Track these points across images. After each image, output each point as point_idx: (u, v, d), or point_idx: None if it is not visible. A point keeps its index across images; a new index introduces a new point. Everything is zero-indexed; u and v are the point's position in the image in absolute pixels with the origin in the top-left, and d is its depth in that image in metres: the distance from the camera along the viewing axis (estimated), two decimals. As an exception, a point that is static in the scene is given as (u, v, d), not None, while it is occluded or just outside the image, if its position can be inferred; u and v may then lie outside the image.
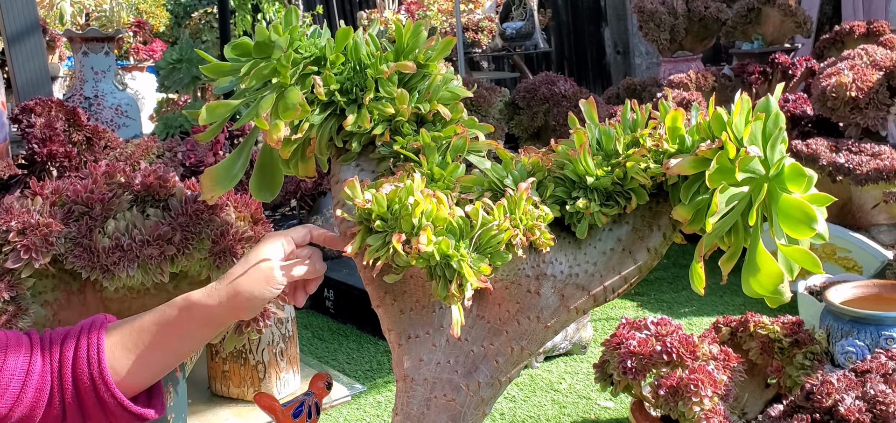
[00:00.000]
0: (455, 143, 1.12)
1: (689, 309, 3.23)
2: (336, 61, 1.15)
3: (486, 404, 1.08)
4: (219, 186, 1.22)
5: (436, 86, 1.16)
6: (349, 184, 1.02)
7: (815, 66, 3.84)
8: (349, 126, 1.14)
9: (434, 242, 0.96)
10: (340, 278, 3.45)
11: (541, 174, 1.10)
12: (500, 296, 1.09)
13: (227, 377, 2.08)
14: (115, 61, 5.11)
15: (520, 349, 1.08)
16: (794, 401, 1.21)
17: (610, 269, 1.09)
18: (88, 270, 1.42)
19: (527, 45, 5.80)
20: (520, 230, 1.01)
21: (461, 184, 1.08)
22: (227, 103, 1.15)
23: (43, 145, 2.34)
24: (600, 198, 1.07)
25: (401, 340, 1.10)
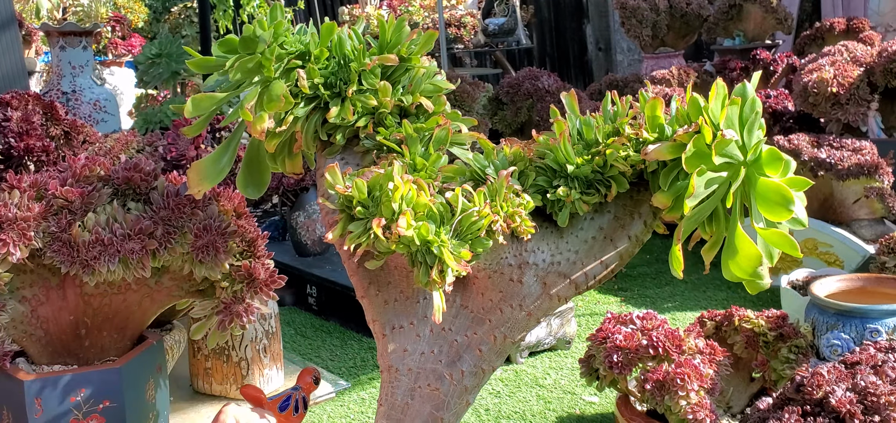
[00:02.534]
0: (437, 134, 1.13)
1: (672, 304, 3.24)
2: (321, 56, 1.15)
3: (470, 393, 1.09)
4: (205, 180, 1.22)
5: (418, 79, 1.17)
6: (329, 170, 1.02)
7: (796, 62, 3.86)
8: (332, 118, 1.15)
9: (414, 226, 0.96)
10: (324, 274, 3.42)
11: (522, 164, 1.12)
12: (483, 285, 1.09)
13: (210, 374, 2.05)
14: (93, 56, 5.05)
15: (502, 338, 1.09)
16: (784, 393, 1.21)
17: (591, 256, 1.10)
18: (68, 264, 1.39)
19: (509, 42, 5.79)
20: (500, 217, 1.02)
21: (443, 174, 1.08)
22: (213, 96, 1.15)
23: (20, 139, 2.29)
24: (581, 186, 1.08)
25: (385, 330, 1.10)
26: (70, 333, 1.54)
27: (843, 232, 2.88)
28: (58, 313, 1.52)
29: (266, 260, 1.53)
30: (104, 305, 1.53)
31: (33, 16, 5.33)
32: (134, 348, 1.59)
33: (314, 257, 3.67)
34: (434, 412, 1.06)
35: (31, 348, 1.54)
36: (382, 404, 1.10)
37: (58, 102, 2.50)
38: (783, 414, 1.11)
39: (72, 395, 1.48)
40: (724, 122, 1.03)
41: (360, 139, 1.17)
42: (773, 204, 1.05)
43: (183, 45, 5.09)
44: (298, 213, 3.65)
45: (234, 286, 1.48)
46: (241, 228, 1.50)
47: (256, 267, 1.49)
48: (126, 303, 1.54)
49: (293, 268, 3.54)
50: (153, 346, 1.62)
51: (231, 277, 1.48)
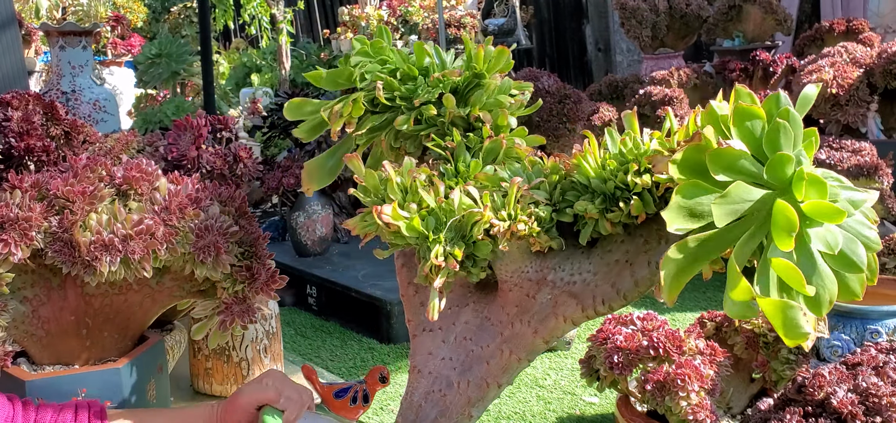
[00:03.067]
0: (487, 145, 1.13)
1: (673, 305, 3.24)
2: (406, 72, 1.18)
3: (473, 406, 1.08)
4: (313, 181, 1.26)
5: (478, 93, 1.17)
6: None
7: (796, 63, 3.86)
8: (398, 125, 1.17)
9: (402, 217, 0.96)
10: (324, 275, 3.43)
11: (556, 177, 1.06)
12: (505, 298, 1.08)
13: (210, 374, 2.05)
14: (92, 56, 5.04)
15: (509, 354, 1.07)
16: (785, 394, 1.21)
17: (607, 280, 1.02)
18: (69, 265, 1.38)
19: (508, 42, 5.79)
20: (505, 222, 0.99)
21: (479, 179, 1.07)
22: (306, 102, 1.24)
23: (20, 139, 2.29)
24: (602, 201, 1.00)
25: (417, 331, 1.12)
26: (71, 333, 1.54)
27: (842, 233, 2.88)
28: (59, 313, 1.52)
29: (267, 260, 1.53)
30: (105, 305, 1.53)
31: (33, 15, 5.33)
32: (135, 349, 1.59)
33: (314, 258, 3.67)
34: (438, 418, 1.07)
35: (32, 348, 1.54)
36: (404, 400, 1.12)
37: (58, 101, 2.50)
38: (785, 415, 1.11)
39: (73, 395, 1.47)
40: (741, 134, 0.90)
41: (428, 150, 1.19)
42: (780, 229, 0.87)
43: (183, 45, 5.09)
44: (298, 213, 3.65)
45: (236, 287, 1.48)
46: (243, 228, 1.50)
47: (258, 267, 1.49)
48: (127, 303, 1.54)
49: (293, 268, 3.54)
50: (154, 346, 1.62)
51: (232, 277, 1.47)
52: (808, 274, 0.85)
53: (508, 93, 1.19)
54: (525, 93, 1.21)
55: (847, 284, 0.87)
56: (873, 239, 0.88)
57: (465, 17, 5.73)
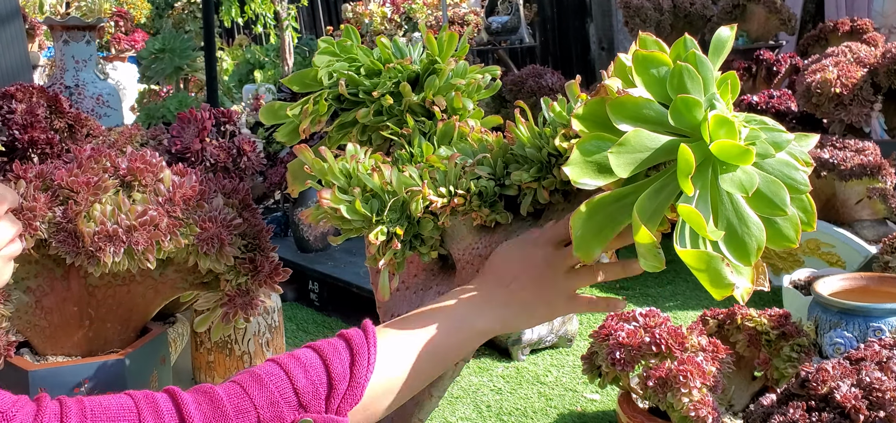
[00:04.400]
0: (441, 128, 1.14)
1: (673, 303, 3.24)
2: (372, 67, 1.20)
3: (433, 387, 1.08)
4: (297, 180, 1.27)
5: (431, 79, 1.18)
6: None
7: (799, 63, 3.86)
8: (361, 119, 1.18)
9: (343, 200, 0.97)
10: (325, 270, 3.43)
11: (498, 152, 1.06)
12: (460, 276, 1.08)
13: (213, 367, 2.05)
14: (96, 51, 5.05)
15: None
16: (788, 389, 1.21)
17: None
18: (73, 255, 1.39)
19: (512, 40, 5.79)
20: (444, 198, 0.99)
21: (429, 161, 1.08)
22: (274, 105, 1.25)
23: (24, 132, 2.30)
24: (537, 170, 0.99)
25: (384, 317, 1.13)
26: (74, 324, 1.55)
27: (845, 232, 2.88)
28: (62, 303, 1.52)
29: (271, 253, 1.53)
30: (108, 296, 1.53)
31: (37, 10, 5.33)
32: (138, 340, 1.59)
33: (316, 253, 3.67)
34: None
35: (35, 338, 1.55)
36: None
37: (61, 95, 2.50)
38: (788, 409, 1.11)
39: (75, 385, 1.48)
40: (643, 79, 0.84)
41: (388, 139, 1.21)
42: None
43: (186, 41, 5.10)
44: (301, 209, 3.65)
45: (239, 279, 1.48)
46: (246, 220, 1.50)
47: (261, 260, 1.50)
48: (130, 295, 1.54)
49: (295, 264, 3.54)
50: (157, 338, 1.62)
51: (236, 269, 1.48)
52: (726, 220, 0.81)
53: (464, 77, 1.20)
54: (485, 76, 1.21)
55: (777, 228, 0.83)
56: (800, 180, 0.84)
57: (469, 15, 5.72)
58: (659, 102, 0.85)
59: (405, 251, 1.02)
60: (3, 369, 1.46)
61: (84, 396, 0.81)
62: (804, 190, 0.84)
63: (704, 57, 0.87)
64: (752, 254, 0.82)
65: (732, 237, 0.82)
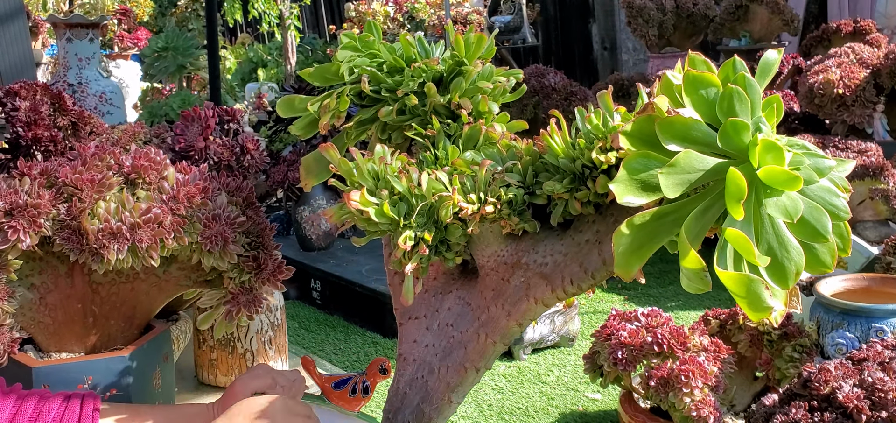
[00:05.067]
0: (467, 132, 1.13)
1: (675, 303, 3.24)
2: (395, 65, 1.19)
3: (452, 391, 1.08)
4: (311, 175, 1.26)
5: (458, 81, 1.18)
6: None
7: (802, 63, 3.86)
8: (383, 117, 1.18)
9: (371, 203, 0.97)
10: (328, 269, 3.43)
11: (529, 160, 1.05)
12: (483, 283, 1.08)
13: (215, 365, 2.05)
14: (99, 48, 5.06)
15: (484, 338, 1.07)
16: (790, 389, 1.22)
17: (574, 259, 1.01)
18: (77, 252, 1.39)
19: (514, 40, 5.79)
20: (475, 205, 0.99)
21: (455, 165, 1.08)
22: (293, 98, 1.24)
23: (28, 129, 2.30)
24: (570, 182, 0.99)
25: (403, 319, 1.13)
26: (78, 321, 1.55)
27: (847, 233, 2.88)
28: (66, 301, 1.53)
29: (274, 251, 1.53)
30: (112, 293, 1.54)
31: (40, 7, 5.34)
32: (141, 337, 1.60)
33: (318, 252, 3.68)
34: (420, 404, 1.09)
35: (38, 335, 1.55)
36: (390, 390, 1.13)
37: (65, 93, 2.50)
38: (790, 409, 1.11)
39: (79, 382, 1.48)
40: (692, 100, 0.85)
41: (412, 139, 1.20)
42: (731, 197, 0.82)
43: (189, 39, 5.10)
44: (303, 207, 3.66)
45: (242, 276, 1.48)
46: (250, 218, 1.50)
47: (264, 258, 1.50)
48: (134, 292, 1.54)
49: (297, 262, 3.54)
50: (160, 335, 1.62)
51: (239, 267, 1.48)
52: (767, 244, 0.81)
53: (490, 80, 1.18)
54: (510, 79, 1.20)
55: (815, 254, 0.83)
56: (841, 207, 0.84)
57: (472, 15, 5.72)
58: (707, 122, 0.85)
59: (431, 256, 1.01)
60: (7, 365, 1.47)
61: None
62: (844, 217, 0.84)
63: (753, 80, 0.86)
64: (791, 278, 0.82)
65: (773, 262, 0.82)
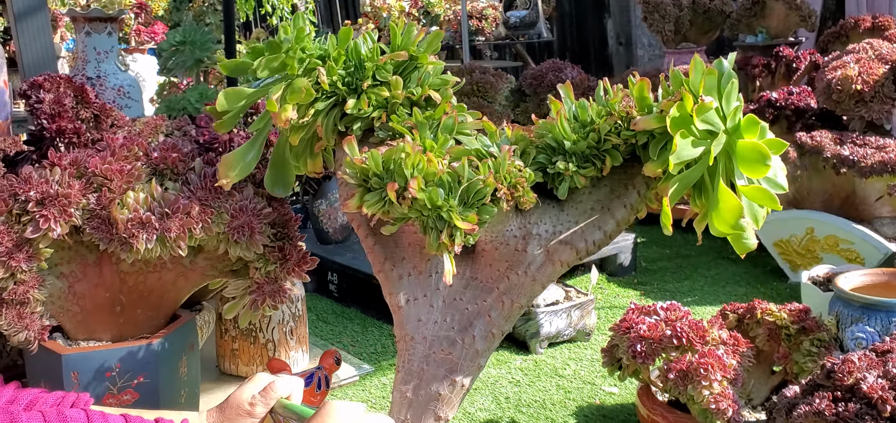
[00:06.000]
0: (444, 122, 1.24)
1: (691, 299, 3.24)
2: (339, 58, 1.27)
3: (481, 356, 1.17)
4: (232, 171, 1.32)
5: (426, 74, 1.26)
6: (347, 143, 1.11)
7: (819, 59, 3.84)
8: (350, 110, 1.26)
9: (424, 191, 1.05)
10: (345, 262, 3.45)
11: (523, 144, 1.21)
12: (491, 257, 1.19)
13: (237, 355, 2.08)
14: (117, 42, 5.10)
15: (510, 303, 1.18)
16: (813, 380, 1.23)
17: (591, 225, 1.20)
18: (106, 241, 1.42)
19: (530, 35, 5.79)
20: (503, 186, 1.11)
21: (451, 154, 1.15)
22: (242, 90, 1.28)
23: (52, 121, 2.33)
24: (578, 161, 1.17)
25: (401, 302, 1.18)
26: (106, 310, 1.58)
27: (864, 229, 2.87)
28: (94, 289, 1.55)
29: (298, 242, 1.56)
30: (139, 283, 1.56)
31: (58, 2, 5.39)
32: (168, 326, 1.62)
33: (335, 245, 3.70)
34: (448, 374, 1.15)
35: (67, 323, 1.58)
36: (400, 370, 1.17)
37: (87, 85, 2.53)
38: (814, 399, 1.12)
39: (107, 370, 1.51)
40: (704, 90, 1.13)
41: (375, 131, 1.27)
42: (752, 162, 1.13)
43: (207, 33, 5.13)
44: (320, 201, 3.68)
45: (268, 267, 1.51)
46: (275, 209, 1.52)
47: (289, 248, 1.52)
48: (161, 281, 1.57)
49: (314, 255, 3.56)
50: (186, 324, 1.65)
51: (265, 257, 1.50)
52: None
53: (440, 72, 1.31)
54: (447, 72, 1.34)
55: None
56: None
57: (487, 9, 5.73)
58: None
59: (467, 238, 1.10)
60: (38, 353, 1.50)
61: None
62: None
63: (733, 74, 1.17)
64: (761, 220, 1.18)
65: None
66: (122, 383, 1.51)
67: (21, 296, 1.42)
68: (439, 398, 1.15)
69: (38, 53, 3.66)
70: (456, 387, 1.15)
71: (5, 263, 1.38)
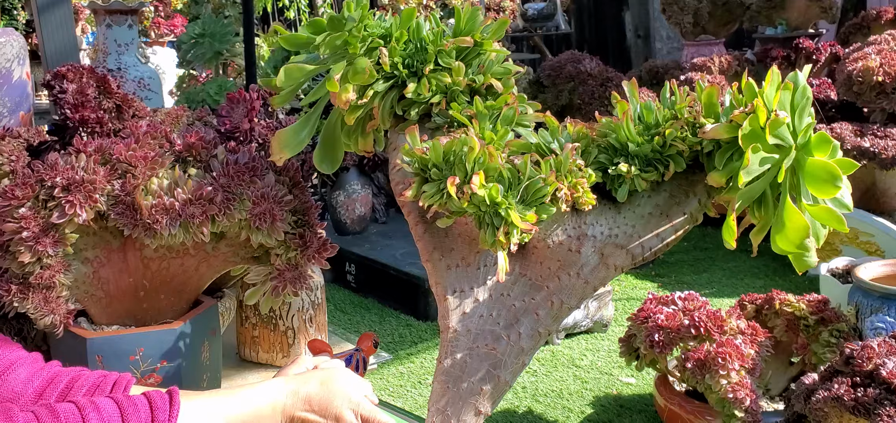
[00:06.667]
0: (505, 113, 1.19)
1: (709, 291, 3.24)
2: (400, 38, 1.23)
3: (526, 354, 1.15)
4: (286, 149, 1.29)
5: (489, 62, 1.23)
6: (410, 133, 1.10)
7: (840, 51, 3.82)
8: (409, 94, 1.22)
9: (485, 187, 1.01)
10: (362, 252, 3.48)
11: (584, 142, 1.17)
12: (542, 255, 1.15)
13: (257, 342, 2.10)
14: (137, 35, 5.14)
15: (559, 304, 1.16)
16: (832, 366, 1.23)
17: (647, 230, 1.17)
18: (131, 227, 1.44)
19: (548, 27, 5.78)
20: (564, 186, 1.08)
21: (510, 148, 1.13)
22: (303, 67, 1.24)
23: (75, 111, 2.36)
24: (641, 164, 1.14)
25: (447, 293, 1.16)
26: (129, 295, 1.60)
27: (884, 221, 2.86)
28: (118, 275, 1.58)
29: (319, 229, 1.57)
30: (162, 268, 1.58)
31: (80, -6, 5.43)
32: (190, 311, 1.64)
33: (353, 236, 3.72)
34: (491, 370, 1.13)
35: (91, 308, 1.60)
36: (441, 361, 1.16)
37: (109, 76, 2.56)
38: (833, 384, 1.12)
39: (131, 354, 1.53)
40: (778, 105, 1.10)
41: (433, 116, 1.24)
42: (821, 182, 1.11)
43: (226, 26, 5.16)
44: (338, 192, 3.71)
45: (289, 253, 1.52)
46: (297, 198, 1.54)
47: (310, 235, 1.54)
48: (183, 267, 1.59)
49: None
50: (209, 309, 1.67)
51: (286, 244, 1.52)
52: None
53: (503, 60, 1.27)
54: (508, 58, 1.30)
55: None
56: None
57: (505, 1, 5.72)
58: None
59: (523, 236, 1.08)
60: (63, 337, 1.52)
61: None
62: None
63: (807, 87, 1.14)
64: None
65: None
66: (145, 367, 1.53)
67: (47, 280, 1.44)
68: (481, 392, 1.13)
69: (61, 45, 3.70)
70: (498, 383, 1.13)
71: (32, 247, 1.40)
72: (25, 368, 0.99)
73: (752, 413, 1.65)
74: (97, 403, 0.85)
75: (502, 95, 1.23)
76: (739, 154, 1.09)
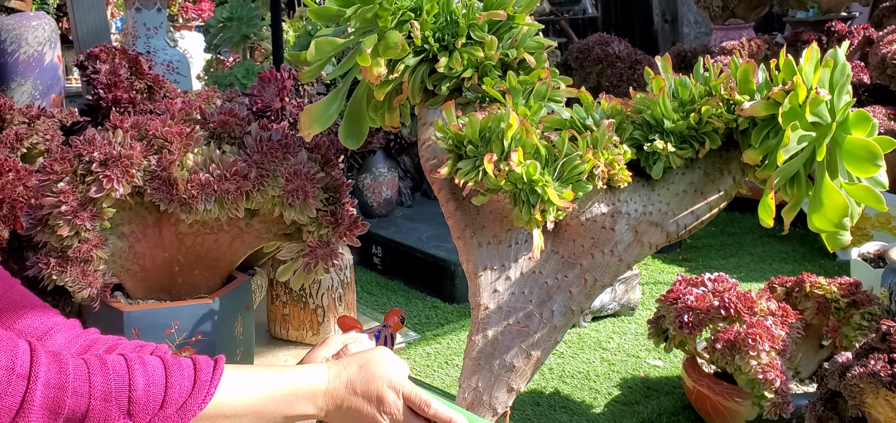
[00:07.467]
0: (538, 88, 1.18)
1: (737, 275, 3.21)
2: (431, 11, 1.21)
3: (559, 331, 1.14)
4: (315, 124, 1.29)
5: (522, 36, 1.21)
6: (446, 109, 1.08)
7: (873, 34, 3.76)
8: (441, 68, 1.21)
9: (523, 164, 1.00)
10: (389, 235, 3.49)
11: (619, 118, 1.16)
12: (575, 232, 1.14)
13: (287, 320, 2.13)
14: (166, 19, 5.19)
15: (593, 281, 1.14)
16: (868, 343, 1.22)
17: (682, 208, 1.16)
18: (167, 202, 1.46)
19: (574, 11, 5.75)
20: (601, 163, 1.06)
21: (544, 124, 1.12)
22: (334, 41, 1.22)
23: (108, 91, 2.39)
24: (676, 141, 1.13)
25: (478, 270, 1.15)
26: (164, 270, 1.63)
27: (918, 207, 2.82)
28: (153, 250, 1.60)
29: (350, 207, 1.58)
30: (197, 244, 1.61)
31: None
32: (224, 287, 1.67)
33: (379, 219, 3.74)
34: (523, 347, 1.12)
35: (127, 282, 1.63)
36: (473, 337, 1.15)
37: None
38: (869, 361, 1.11)
39: (166, 327, 1.56)
40: (817, 83, 1.08)
41: (464, 91, 1.23)
42: (861, 160, 1.09)
43: (254, 10, 5.20)
44: (365, 175, 3.72)
45: (321, 230, 1.54)
46: (328, 175, 1.55)
47: (341, 213, 1.55)
48: (217, 243, 1.61)
49: (360, 226, 3.60)
50: (241, 285, 1.69)
51: (318, 221, 1.53)
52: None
53: (536, 34, 1.25)
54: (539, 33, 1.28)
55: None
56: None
57: (531, -14, 5.69)
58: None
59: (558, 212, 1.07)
60: (100, 310, 1.55)
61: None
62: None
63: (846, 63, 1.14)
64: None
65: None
66: (180, 340, 1.56)
67: (85, 254, 1.47)
68: (513, 369, 1.13)
69: (93, 27, 3.75)
70: (531, 360, 1.13)
71: (70, 221, 1.43)
72: (63, 333, 1.02)
73: (782, 394, 1.64)
74: (144, 358, 0.87)
75: (535, 69, 1.21)
76: (776, 132, 1.07)
